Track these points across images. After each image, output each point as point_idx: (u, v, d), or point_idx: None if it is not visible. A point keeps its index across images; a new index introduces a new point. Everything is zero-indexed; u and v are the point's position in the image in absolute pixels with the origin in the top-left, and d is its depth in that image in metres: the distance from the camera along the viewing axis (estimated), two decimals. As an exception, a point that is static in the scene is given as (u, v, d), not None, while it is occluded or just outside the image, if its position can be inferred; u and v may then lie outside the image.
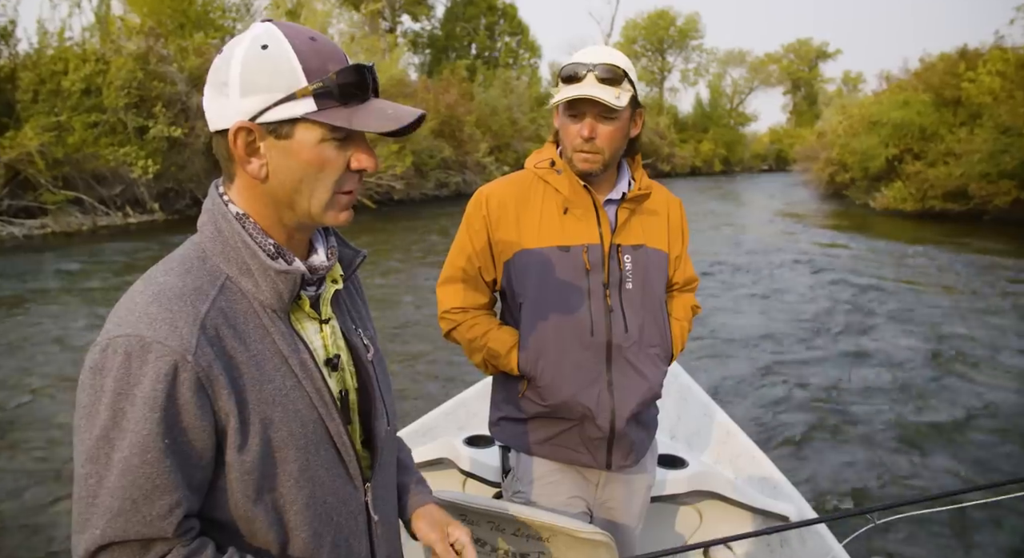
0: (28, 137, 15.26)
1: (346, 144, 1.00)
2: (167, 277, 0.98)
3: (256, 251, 1.00)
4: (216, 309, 0.97)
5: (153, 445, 0.89)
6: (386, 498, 1.21)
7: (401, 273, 11.57)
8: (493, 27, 44.25)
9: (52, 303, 9.14)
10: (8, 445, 4.85)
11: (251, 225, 1.02)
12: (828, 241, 16.46)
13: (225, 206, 1.03)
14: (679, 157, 52.14)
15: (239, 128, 0.96)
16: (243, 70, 0.95)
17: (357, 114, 0.97)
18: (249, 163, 0.99)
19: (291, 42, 0.96)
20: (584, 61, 1.78)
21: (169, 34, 19.58)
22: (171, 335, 0.91)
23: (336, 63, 0.97)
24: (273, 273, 1.00)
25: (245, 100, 0.95)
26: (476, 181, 26.21)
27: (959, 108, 22.26)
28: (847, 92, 62.53)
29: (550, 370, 1.85)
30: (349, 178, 1.03)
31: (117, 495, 0.89)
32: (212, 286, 0.99)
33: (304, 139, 0.97)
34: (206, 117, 1.01)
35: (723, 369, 6.90)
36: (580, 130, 1.79)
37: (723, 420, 3.14)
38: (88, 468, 0.90)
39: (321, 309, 1.11)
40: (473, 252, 1.93)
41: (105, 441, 0.89)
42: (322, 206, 1.01)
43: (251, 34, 0.98)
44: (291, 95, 0.95)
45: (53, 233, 15.48)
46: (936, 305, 9.71)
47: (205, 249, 1.02)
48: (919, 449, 5.04)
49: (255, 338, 0.99)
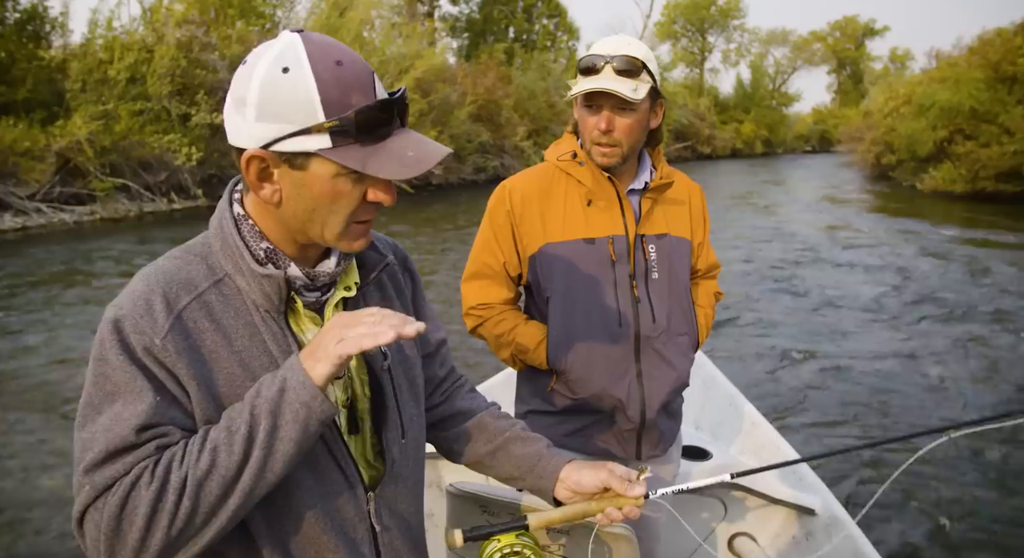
0: (77, 126, 15.67)
1: (363, 178, 0.96)
2: (166, 262, 1.02)
3: (243, 253, 1.01)
4: (200, 302, 0.99)
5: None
6: (397, 509, 1.18)
7: (436, 260, 11.63)
8: (531, 9, 43.78)
9: (101, 286, 9.43)
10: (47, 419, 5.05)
11: (248, 227, 1.03)
12: (872, 224, 16.06)
13: (230, 206, 1.05)
14: (720, 139, 51.16)
15: (251, 156, 0.94)
16: (261, 93, 0.92)
17: (375, 156, 0.93)
18: (262, 189, 0.97)
19: (314, 68, 0.91)
20: (602, 52, 1.77)
21: (211, 22, 19.84)
22: (146, 314, 0.95)
23: (360, 94, 0.93)
24: (259, 275, 1.01)
25: (259, 125, 0.93)
26: (514, 165, 26.11)
27: (1015, 85, 21.44)
28: (894, 70, 60.72)
29: (580, 363, 1.86)
30: (365, 209, 1.00)
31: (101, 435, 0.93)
32: (207, 280, 1.01)
33: (318, 172, 0.94)
34: (225, 127, 0.98)
35: (750, 358, 6.80)
36: (598, 123, 1.78)
37: (748, 410, 3.12)
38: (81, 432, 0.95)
39: (325, 313, 1.09)
40: (498, 247, 1.93)
41: (89, 406, 0.95)
42: (335, 236, 1.01)
43: (276, 49, 0.94)
44: (307, 129, 0.91)
45: (101, 219, 15.89)
46: (987, 291, 9.43)
47: (210, 244, 1.05)
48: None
49: (243, 335, 1.01)
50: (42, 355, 6.66)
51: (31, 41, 17.01)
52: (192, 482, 0.91)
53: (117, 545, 0.91)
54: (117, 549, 0.91)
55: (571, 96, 1.82)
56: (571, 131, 1.97)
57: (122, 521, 0.90)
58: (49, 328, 7.53)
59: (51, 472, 4.38)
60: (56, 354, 6.68)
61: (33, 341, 7.09)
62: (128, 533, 0.90)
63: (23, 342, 7.06)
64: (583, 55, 1.82)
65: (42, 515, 3.90)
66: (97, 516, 0.91)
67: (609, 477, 1.23)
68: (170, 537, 0.90)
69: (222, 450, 0.92)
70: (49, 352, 6.75)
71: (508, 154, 27.80)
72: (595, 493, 1.26)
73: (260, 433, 0.92)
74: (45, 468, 4.44)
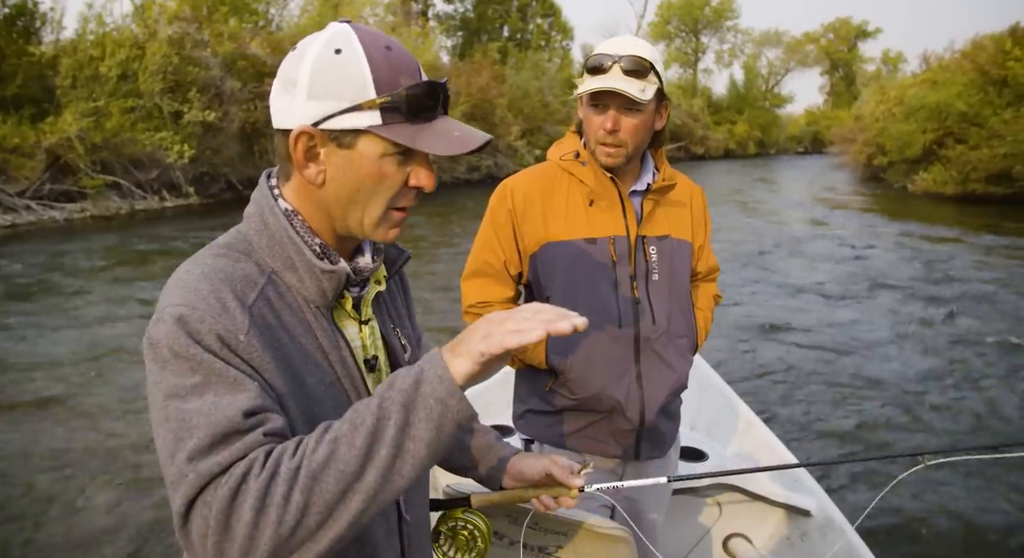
0: (68, 122, 15.57)
1: (407, 160, 0.98)
2: (217, 260, 0.97)
3: (302, 248, 1.00)
4: (263, 298, 0.96)
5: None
6: (417, 500, 1.20)
7: (432, 259, 11.62)
8: (525, 8, 43.84)
9: (91, 284, 9.38)
10: (50, 418, 5.02)
11: (299, 222, 1.02)
12: (864, 225, 16.14)
13: (275, 201, 1.02)
14: (713, 139, 51.33)
15: (301, 132, 0.94)
16: (313, 72, 0.93)
17: (423, 133, 0.95)
18: (307, 168, 0.97)
19: (366, 50, 0.94)
20: (610, 52, 1.76)
21: (204, 19, 19.77)
22: (223, 313, 0.89)
23: (408, 77, 0.95)
24: (318, 271, 0.99)
25: (311, 103, 0.94)
26: (508, 165, 26.12)
27: (1005, 88, 21.59)
28: (887, 73, 61.03)
29: (579, 364, 1.86)
30: (405, 194, 1.01)
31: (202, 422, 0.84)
32: (261, 276, 0.98)
33: (366, 151, 0.95)
34: (270, 113, 0.99)
35: (745, 359, 6.82)
36: (604, 122, 1.77)
37: (743, 411, 3.13)
38: (162, 428, 0.86)
39: (362, 310, 1.10)
40: (498, 245, 1.93)
41: (174, 397, 0.86)
42: (374, 221, 1.01)
43: (327, 34, 0.96)
44: (358, 105, 0.93)
45: (92, 217, 15.79)
46: (978, 291, 9.49)
47: (251, 241, 1.01)
48: (956, 433, 4.97)
49: (299, 332, 0.99)
50: (33, 353, 6.62)
51: (21, 37, 16.90)
52: (306, 473, 0.81)
53: (225, 543, 0.80)
54: (225, 548, 0.80)
55: (578, 95, 1.82)
56: (574, 130, 1.96)
57: (231, 515, 0.80)
58: (39, 326, 7.48)
59: (44, 473, 4.35)
60: (47, 352, 6.63)
61: (24, 339, 7.04)
62: (236, 528, 0.79)
63: (12, 340, 7.01)
64: (591, 54, 1.81)
65: (35, 516, 3.87)
66: (206, 510, 0.80)
67: (551, 465, 1.31)
68: (280, 536, 0.80)
69: (343, 442, 0.83)
70: (40, 350, 6.70)
71: (502, 153, 27.79)
72: (538, 481, 1.33)
73: (390, 429, 0.83)
74: (37, 468, 4.40)
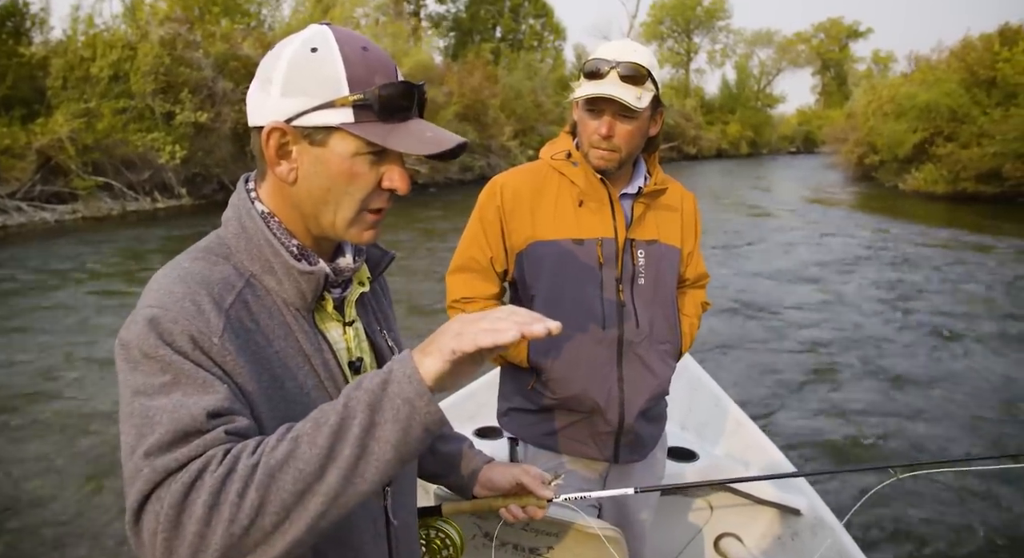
0: (59, 123, 15.48)
1: (380, 161, 0.97)
2: (194, 263, 0.97)
3: (279, 250, 0.99)
4: (241, 302, 0.95)
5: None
6: (405, 504, 1.19)
7: (421, 259, 11.61)
8: (518, 9, 43.87)
9: (82, 286, 9.33)
10: (34, 421, 4.99)
11: (275, 224, 1.01)
12: (855, 224, 16.20)
13: (251, 203, 1.02)
14: (705, 139, 51.44)
15: (273, 128, 0.95)
16: (288, 70, 0.94)
17: (394, 133, 0.95)
18: (279, 165, 0.97)
19: (341, 49, 0.94)
20: (608, 57, 1.75)
21: (196, 20, 19.70)
22: (197, 315, 0.88)
23: (383, 77, 0.95)
24: (296, 273, 0.99)
25: (285, 100, 0.94)
26: (500, 165, 26.12)
27: (993, 89, 21.72)
28: (877, 72, 61.24)
29: (561, 364, 1.86)
30: (378, 196, 1.00)
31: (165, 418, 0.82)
32: (239, 279, 0.97)
33: (338, 149, 0.95)
34: (247, 111, 0.99)
35: (735, 359, 6.83)
36: (598, 127, 1.77)
37: (734, 411, 3.13)
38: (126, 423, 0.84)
39: (345, 311, 1.09)
40: (485, 242, 1.93)
41: (140, 394, 0.84)
42: (347, 221, 1.00)
43: (305, 34, 0.97)
44: (331, 102, 0.93)
45: (84, 218, 15.70)
46: (967, 290, 9.54)
47: (230, 245, 1.01)
48: (939, 438, 5.00)
49: (279, 335, 0.98)
50: (22, 356, 6.58)
51: (11, 37, 16.79)
52: (263, 471, 0.78)
53: (175, 541, 0.76)
54: (175, 546, 0.76)
55: (573, 99, 1.82)
56: (568, 131, 1.96)
57: (183, 511, 0.76)
58: (29, 329, 7.44)
59: (34, 474, 4.33)
60: (36, 355, 6.60)
61: (13, 342, 7.00)
62: (186, 525, 0.76)
63: (1, 342, 6.98)
64: (588, 57, 1.81)
65: (27, 517, 3.86)
66: (158, 505, 0.77)
67: (522, 475, 1.34)
68: (231, 535, 0.76)
69: (304, 441, 0.80)
70: (29, 353, 6.67)
71: (495, 154, 27.79)
72: (508, 491, 1.35)
73: (354, 428, 0.80)
74: (23, 472, 4.39)
